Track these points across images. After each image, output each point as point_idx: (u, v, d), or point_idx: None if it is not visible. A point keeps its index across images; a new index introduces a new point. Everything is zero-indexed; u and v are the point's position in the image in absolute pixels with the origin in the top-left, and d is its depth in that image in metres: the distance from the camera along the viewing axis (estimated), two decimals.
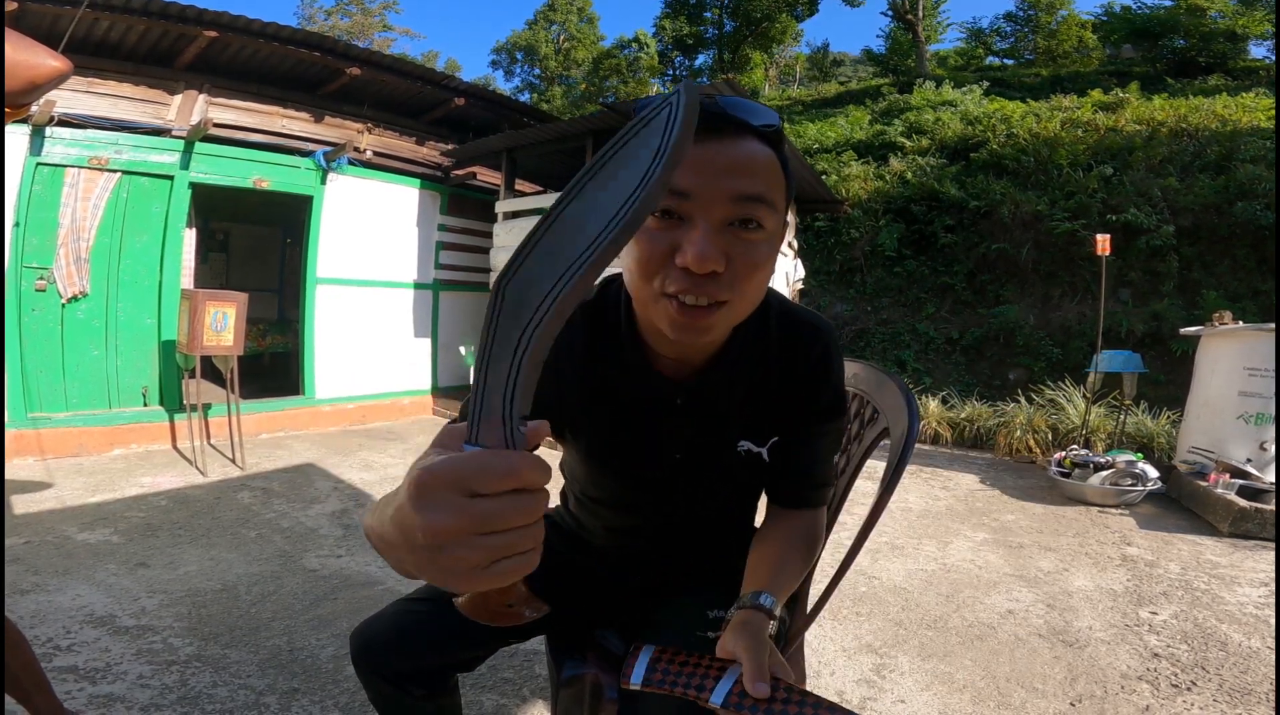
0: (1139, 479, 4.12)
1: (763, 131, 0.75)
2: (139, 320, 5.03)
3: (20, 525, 3.21)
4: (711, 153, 0.72)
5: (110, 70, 5.03)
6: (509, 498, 0.40)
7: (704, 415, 0.93)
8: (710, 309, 0.74)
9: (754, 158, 0.74)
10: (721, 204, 0.72)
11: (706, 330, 0.76)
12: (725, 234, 0.73)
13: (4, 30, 1.03)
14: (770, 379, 0.93)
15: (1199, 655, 2.30)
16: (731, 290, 0.74)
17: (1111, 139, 9.33)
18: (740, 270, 0.74)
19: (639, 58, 31.56)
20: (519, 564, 0.41)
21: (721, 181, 0.72)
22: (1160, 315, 7.05)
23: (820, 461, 0.99)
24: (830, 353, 0.95)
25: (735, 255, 0.73)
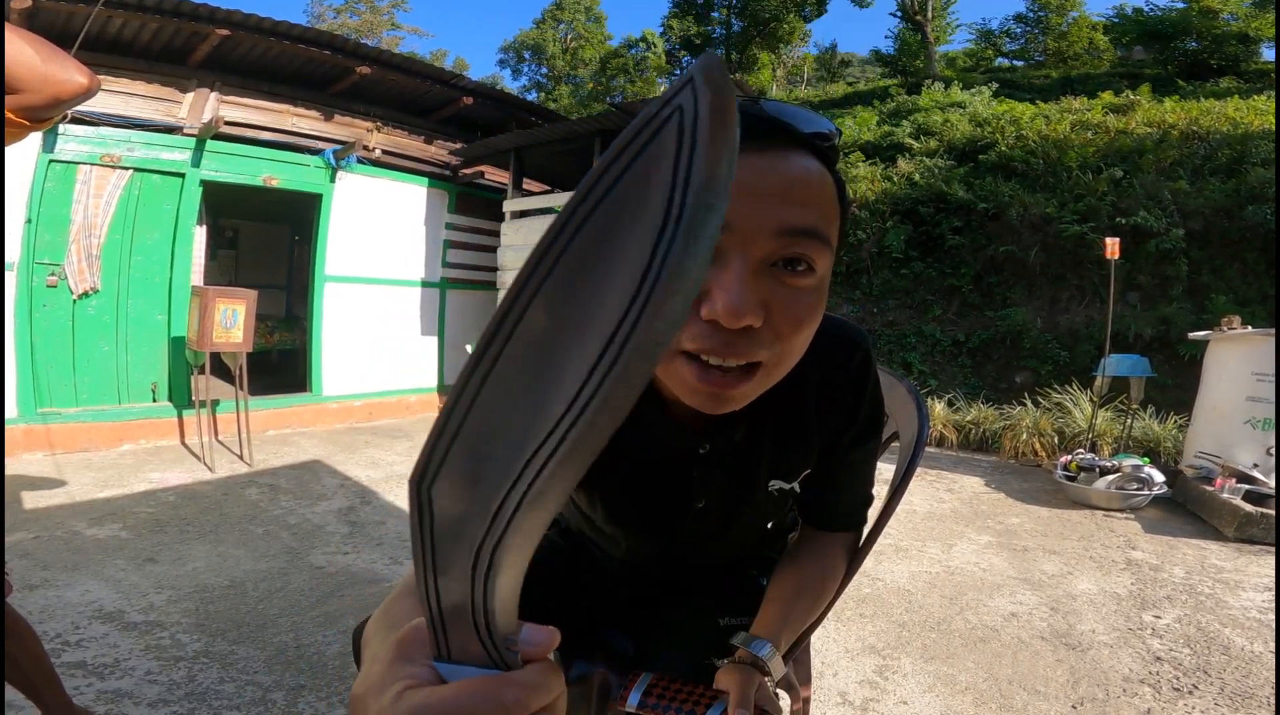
0: (1145, 483, 4.11)
1: (816, 144, 0.60)
2: (149, 316, 5.07)
3: (29, 520, 3.24)
4: (752, 171, 0.56)
5: (123, 68, 5.07)
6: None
7: (732, 461, 0.82)
8: (740, 375, 0.59)
9: (807, 179, 0.58)
10: (764, 239, 0.56)
11: (734, 400, 0.61)
12: (765, 278, 0.57)
13: (4, 30, 1.04)
14: (807, 406, 0.81)
15: (1201, 659, 2.30)
16: (770, 349, 0.59)
17: (1122, 141, 9.28)
18: (782, 325, 0.58)
19: (646, 57, 31.56)
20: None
21: (765, 210, 0.56)
22: (1169, 319, 7.01)
23: (859, 484, 0.91)
24: (869, 362, 0.83)
25: (776, 305, 0.57)
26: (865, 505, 0.93)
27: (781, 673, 0.80)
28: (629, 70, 31.90)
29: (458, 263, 7.02)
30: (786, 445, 0.83)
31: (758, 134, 0.57)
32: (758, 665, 0.78)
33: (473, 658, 0.30)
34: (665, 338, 0.23)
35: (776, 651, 0.79)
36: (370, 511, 3.67)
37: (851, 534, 0.94)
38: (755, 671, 0.77)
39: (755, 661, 0.78)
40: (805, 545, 0.93)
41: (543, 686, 0.30)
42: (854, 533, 0.94)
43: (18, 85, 1.09)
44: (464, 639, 0.30)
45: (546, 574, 1.17)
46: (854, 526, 0.93)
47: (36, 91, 1.10)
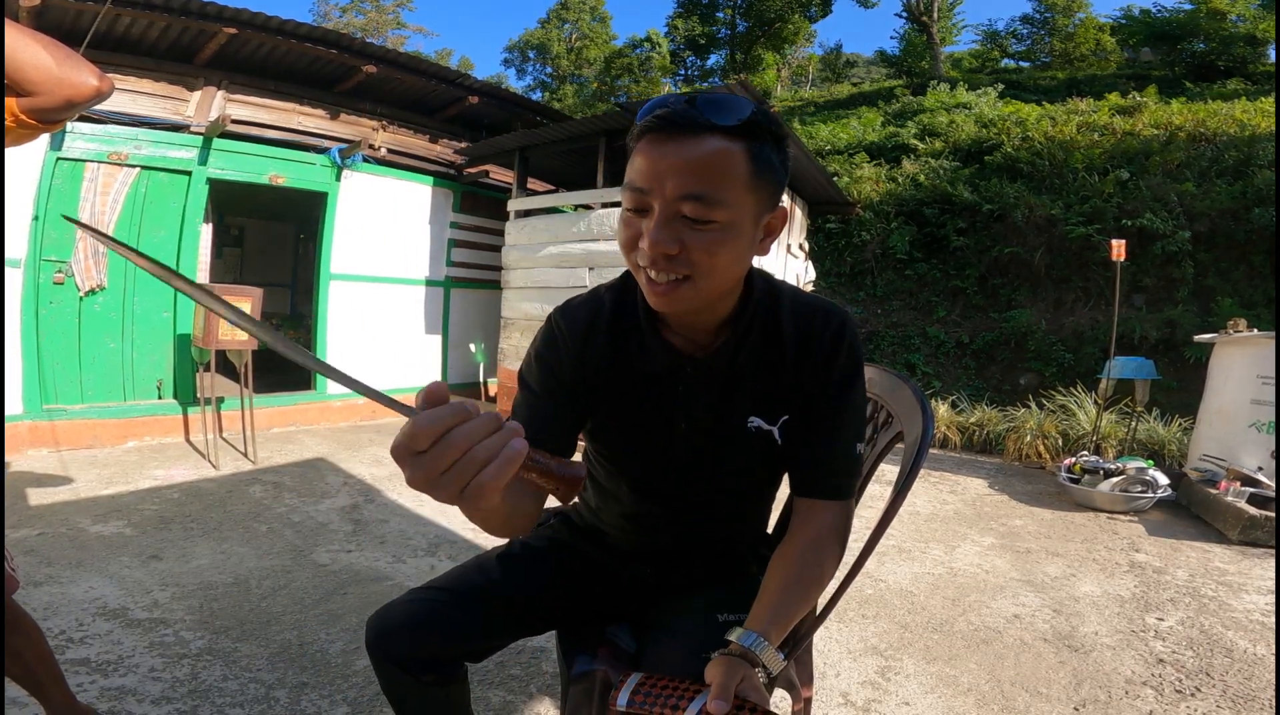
0: (1149, 486, 4.10)
1: (729, 128, 0.79)
2: (155, 314, 5.08)
3: (34, 516, 3.26)
4: (665, 152, 0.80)
5: (131, 66, 5.09)
6: (438, 446, 0.49)
7: (712, 386, 1.00)
8: (675, 284, 0.84)
9: (705, 157, 0.79)
10: (670, 201, 0.80)
11: (676, 301, 0.86)
12: (679, 223, 0.81)
13: (4, 29, 1.05)
14: (784, 357, 0.98)
15: (1204, 661, 2.29)
16: (691, 267, 0.82)
17: (1128, 143, 9.26)
18: (695, 252, 0.82)
19: (651, 57, 31.58)
20: (486, 481, 0.49)
21: (666, 180, 0.79)
22: (1174, 322, 6.99)
23: (840, 442, 0.99)
24: (844, 331, 0.99)
25: (689, 241, 0.81)
26: (850, 472, 1.00)
27: (777, 665, 0.84)
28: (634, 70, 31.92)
29: (462, 262, 7.03)
30: (764, 384, 0.99)
31: (678, 126, 0.79)
32: (747, 657, 0.82)
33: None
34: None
35: (766, 642, 0.84)
36: (374, 509, 3.68)
37: (838, 506, 0.99)
38: (743, 663, 0.82)
39: (744, 654, 0.83)
40: (795, 531, 0.99)
41: (429, 419, 0.49)
42: (840, 505, 0.99)
43: (31, 88, 1.10)
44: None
45: (553, 571, 1.19)
46: (839, 495, 0.99)
47: (50, 94, 1.11)
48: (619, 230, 0.88)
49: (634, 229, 0.85)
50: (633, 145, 0.85)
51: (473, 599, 1.09)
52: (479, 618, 1.09)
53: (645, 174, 0.81)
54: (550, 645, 2.22)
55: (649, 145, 0.82)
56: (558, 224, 6.06)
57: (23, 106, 1.11)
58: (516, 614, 1.12)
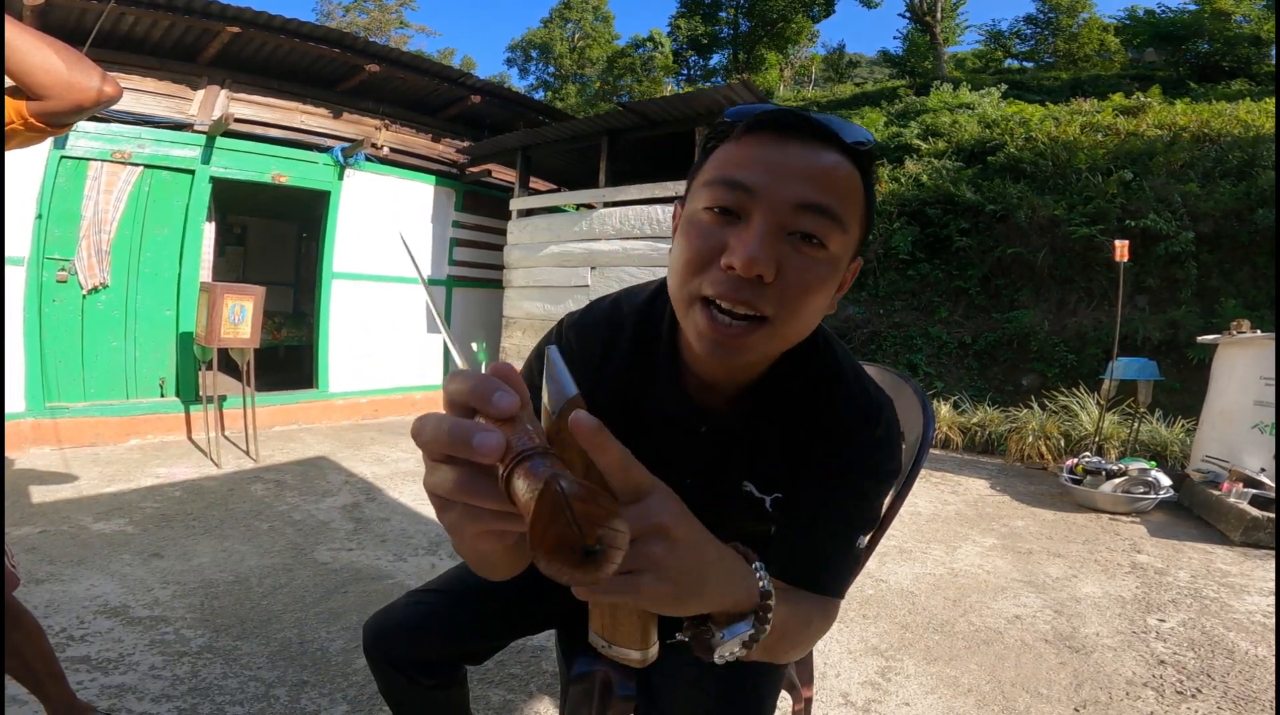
0: (1151, 487, 4.09)
1: (851, 148, 0.68)
2: (158, 312, 5.10)
3: (36, 514, 3.27)
4: (788, 152, 0.66)
5: (134, 65, 5.10)
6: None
7: (719, 446, 0.85)
8: (747, 325, 0.66)
9: (834, 170, 0.66)
10: (785, 208, 0.64)
11: (737, 350, 0.67)
12: (782, 241, 0.65)
13: (3, 31, 1.05)
14: (805, 438, 0.82)
15: (1205, 663, 2.29)
16: (777, 306, 0.65)
17: (1132, 143, 9.23)
18: (791, 285, 0.65)
19: (653, 57, 31.58)
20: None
21: (790, 184, 0.65)
22: (1177, 322, 6.97)
23: (835, 535, 0.81)
24: (883, 441, 0.83)
25: (788, 267, 0.65)
26: (842, 567, 0.83)
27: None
28: (636, 70, 31.92)
29: (464, 261, 7.04)
30: (768, 455, 0.84)
31: (801, 129, 0.67)
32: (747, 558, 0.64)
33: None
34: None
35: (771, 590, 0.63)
36: (375, 508, 3.68)
37: (820, 598, 0.79)
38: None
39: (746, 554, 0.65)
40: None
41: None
42: (822, 598, 0.79)
43: (41, 92, 1.10)
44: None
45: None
46: (824, 590, 0.80)
47: (59, 98, 1.11)
48: (686, 243, 0.69)
49: (714, 241, 0.66)
50: (726, 139, 0.71)
51: (471, 600, 1.08)
52: (477, 619, 1.08)
53: (757, 168, 0.65)
54: (550, 644, 2.23)
55: (762, 141, 0.67)
56: (560, 223, 6.07)
57: (32, 110, 1.11)
58: (515, 615, 1.12)
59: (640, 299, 0.90)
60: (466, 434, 0.39)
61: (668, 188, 5.39)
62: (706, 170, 0.70)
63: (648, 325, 0.87)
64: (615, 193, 5.69)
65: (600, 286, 5.62)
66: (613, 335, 0.88)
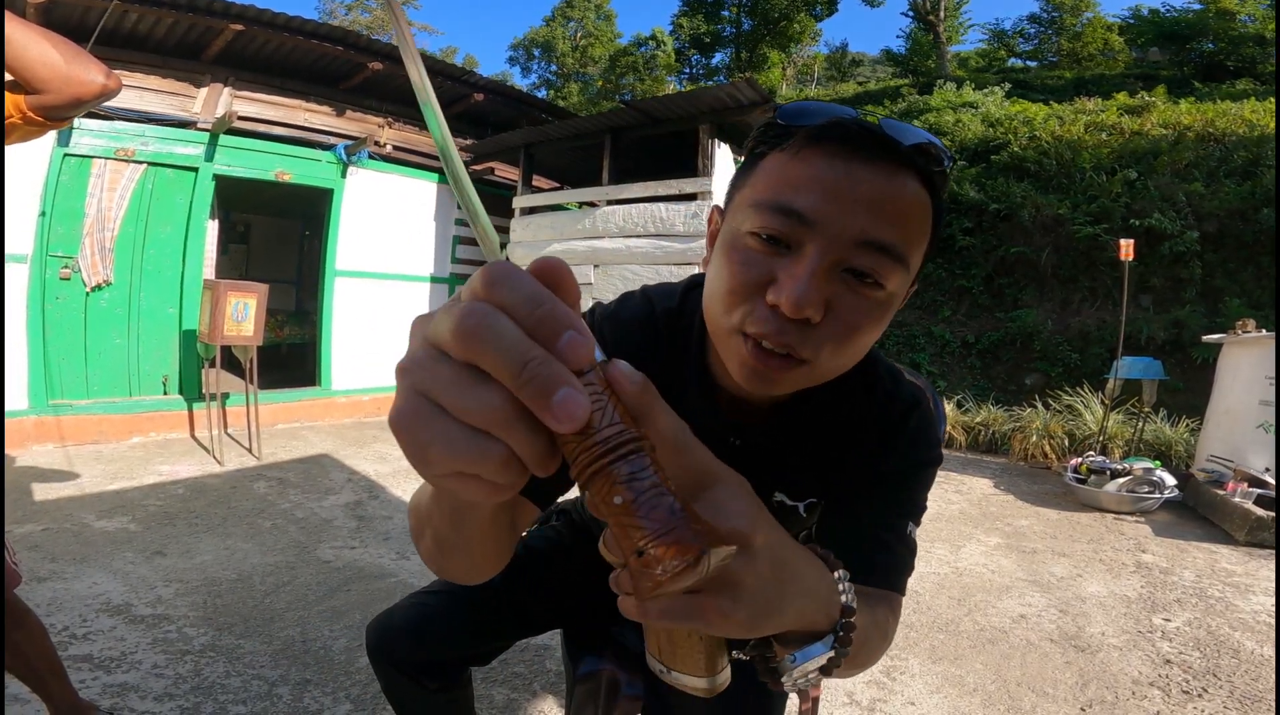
0: (1156, 486, 4.08)
1: (925, 169, 0.60)
2: (161, 310, 5.10)
3: (39, 512, 3.26)
4: (857, 175, 0.57)
5: (138, 63, 5.10)
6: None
7: (752, 462, 0.78)
8: (785, 361, 0.60)
9: (903, 197, 0.58)
10: (843, 243, 0.57)
11: (776, 384, 0.62)
12: (834, 279, 0.58)
13: (4, 28, 1.04)
14: (839, 444, 0.80)
15: (1211, 662, 2.28)
16: (819, 349, 0.59)
17: (1136, 143, 9.21)
18: (839, 327, 0.59)
19: (656, 55, 31.54)
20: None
21: (853, 216, 0.56)
22: (1182, 322, 6.96)
23: (887, 526, 0.77)
24: (909, 422, 0.80)
25: (839, 307, 0.58)
26: (900, 559, 0.78)
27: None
28: (638, 68, 31.88)
29: (467, 258, 7.03)
30: (801, 464, 0.81)
31: (866, 145, 0.57)
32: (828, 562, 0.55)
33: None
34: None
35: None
36: (378, 506, 3.67)
37: (888, 595, 0.74)
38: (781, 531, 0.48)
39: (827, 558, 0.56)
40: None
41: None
42: (887, 594, 0.74)
43: (40, 85, 1.10)
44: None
45: (556, 571, 1.18)
46: (885, 581, 0.75)
47: (58, 92, 1.10)
48: (729, 269, 0.61)
49: (759, 270, 0.59)
50: (779, 147, 0.61)
51: (474, 601, 1.07)
52: (481, 620, 1.07)
53: (816, 194, 0.57)
54: (553, 643, 2.22)
55: (824, 157, 0.58)
56: (562, 221, 6.06)
57: (31, 104, 1.11)
58: (519, 615, 1.10)
59: (671, 303, 0.84)
60: (548, 378, 0.28)
61: (671, 186, 5.38)
62: (756, 184, 0.62)
63: (680, 330, 0.82)
64: (618, 191, 5.68)
65: (604, 284, 5.61)
66: (652, 339, 0.82)
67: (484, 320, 0.29)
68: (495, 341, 0.29)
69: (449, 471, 0.31)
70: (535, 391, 0.28)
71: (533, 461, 0.31)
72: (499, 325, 0.29)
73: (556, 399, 0.28)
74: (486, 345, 0.29)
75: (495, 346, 0.29)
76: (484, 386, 0.29)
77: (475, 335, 0.29)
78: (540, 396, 0.28)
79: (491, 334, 0.29)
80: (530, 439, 0.30)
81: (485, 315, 0.29)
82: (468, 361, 0.30)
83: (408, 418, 0.31)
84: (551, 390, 0.28)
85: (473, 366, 0.30)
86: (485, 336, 0.29)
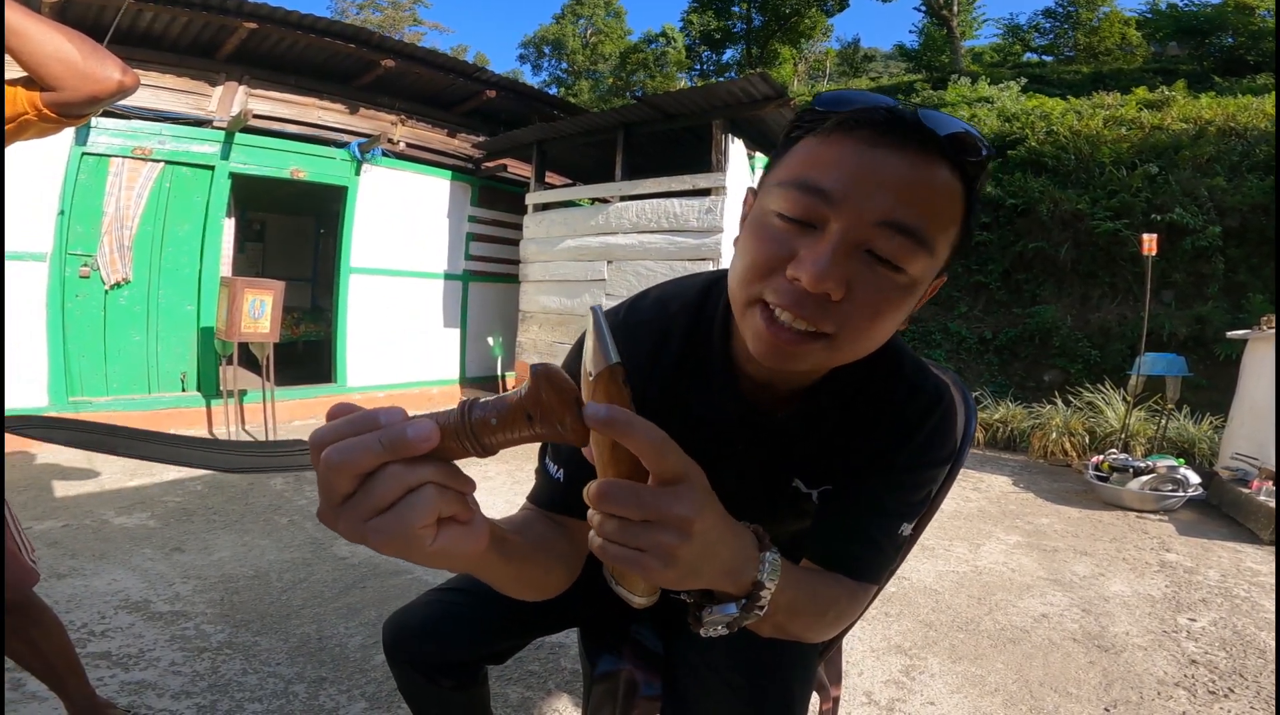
0: (1180, 485, 4.02)
1: (957, 158, 0.60)
2: (179, 307, 5.14)
3: (59, 508, 3.29)
4: (881, 159, 0.58)
5: (153, 62, 5.13)
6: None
7: (774, 450, 0.83)
8: (805, 337, 0.61)
9: (930, 182, 0.59)
10: (865, 223, 0.58)
11: (793, 358, 0.63)
12: (856, 258, 0.59)
13: (4, 25, 1.04)
14: (860, 431, 0.80)
15: (1237, 662, 2.24)
16: (840, 325, 0.61)
17: (1157, 137, 9.07)
18: (859, 307, 0.60)
19: (666, 52, 31.50)
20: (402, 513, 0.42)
21: (876, 196, 0.57)
22: (1204, 318, 6.85)
23: (877, 518, 0.79)
24: (929, 417, 0.80)
25: (859, 287, 0.59)
26: (880, 552, 0.80)
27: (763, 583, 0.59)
28: (649, 65, 31.83)
29: (480, 255, 7.05)
30: (821, 451, 0.83)
31: (895, 131, 0.58)
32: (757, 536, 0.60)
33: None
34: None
35: (777, 572, 0.59)
36: None
37: (853, 582, 0.78)
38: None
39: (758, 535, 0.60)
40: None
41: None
42: (855, 582, 0.78)
43: (55, 82, 1.08)
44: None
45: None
46: (855, 572, 0.78)
47: (74, 89, 1.09)
48: (753, 244, 0.63)
49: (783, 247, 0.61)
50: (813, 132, 0.63)
51: (491, 598, 1.04)
52: (499, 618, 1.05)
53: (841, 174, 0.58)
54: (568, 641, 2.21)
55: (855, 143, 0.59)
56: (575, 217, 6.05)
57: (46, 100, 1.10)
58: (538, 613, 1.08)
59: (690, 296, 0.85)
60: (398, 433, 0.40)
61: (684, 181, 5.35)
62: (786, 165, 0.63)
63: (700, 322, 0.82)
64: (631, 186, 5.66)
65: (617, 281, 5.59)
66: (661, 337, 0.83)
67: (337, 456, 0.40)
68: (354, 451, 0.40)
69: (428, 536, 0.42)
70: (399, 444, 0.40)
71: (447, 480, 0.42)
72: (350, 446, 0.40)
73: (409, 436, 0.40)
74: (350, 455, 0.40)
75: (356, 452, 0.40)
76: (383, 474, 0.40)
77: (335, 464, 0.40)
78: (404, 443, 0.40)
79: (351, 452, 0.40)
80: (432, 468, 0.41)
81: (336, 456, 0.40)
82: (353, 476, 0.40)
83: (382, 539, 0.41)
84: (403, 434, 0.40)
85: (358, 479, 0.41)
86: (348, 456, 0.40)
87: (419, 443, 0.40)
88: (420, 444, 0.40)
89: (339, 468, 0.40)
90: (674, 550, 0.48)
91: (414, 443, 0.40)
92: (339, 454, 0.40)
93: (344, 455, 0.40)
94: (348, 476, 0.40)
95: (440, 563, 0.46)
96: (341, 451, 0.40)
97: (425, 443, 0.40)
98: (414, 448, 0.40)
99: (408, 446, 0.40)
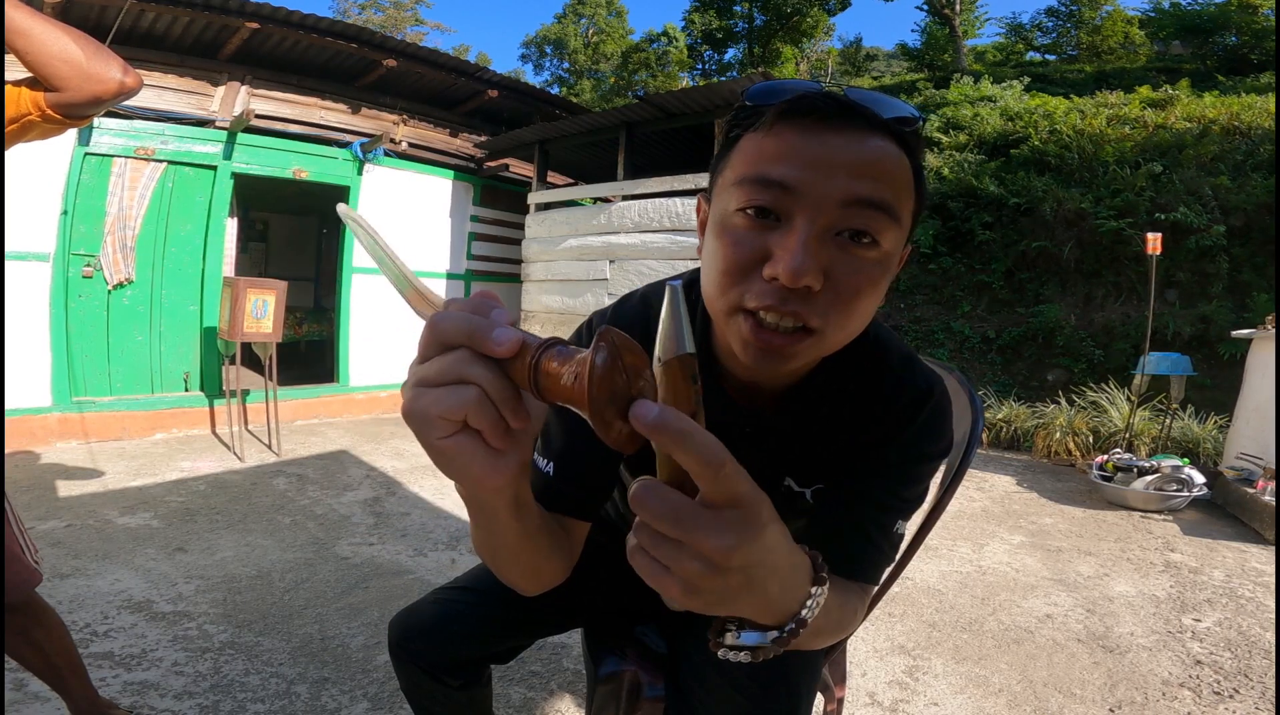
0: (1184, 484, 4.00)
1: (896, 129, 0.61)
2: (182, 307, 5.14)
3: (62, 508, 3.29)
4: (828, 145, 0.59)
5: (155, 62, 5.14)
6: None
7: (763, 447, 0.82)
8: (794, 335, 0.61)
9: (882, 158, 0.60)
10: (831, 207, 0.58)
11: (785, 358, 0.63)
12: (829, 245, 0.59)
13: (3, 23, 1.03)
14: (850, 426, 0.80)
15: (1242, 663, 2.23)
16: (825, 317, 0.61)
17: (1161, 136, 9.04)
18: (841, 292, 0.60)
19: (668, 51, 31.44)
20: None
21: (835, 180, 0.58)
22: (1208, 317, 6.83)
23: (874, 517, 0.79)
24: (920, 409, 0.79)
25: (838, 272, 0.60)
26: (879, 551, 0.79)
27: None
28: (651, 65, 31.79)
29: (483, 255, 7.05)
30: (810, 448, 0.82)
31: (835, 114, 0.60)
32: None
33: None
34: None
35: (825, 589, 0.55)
36: (395, 502, 3.68)
37: (854, 584, 0.76)
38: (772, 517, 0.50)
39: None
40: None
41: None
42: (855, 583, 0.77)
43: (59, 83, 1.08)
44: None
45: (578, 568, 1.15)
46: (855, 574, 0.77)
47: (77, 89, 1.09)
48: (721, 249, 0.62)
49: (752, 248, 0.60)
50: (753, 127, 0.63)
51: (497, 598, 1.05)
52: (505, 618, 1.05)
53: (795, 164, 0.59)
54: (570, 641, 2.20)
55: (797, 130, 0.60)
56: (577, 217, 6.05)
57: (49, 101, 1.10)
58: (543, 613, 1.08)
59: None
60: (483, 326, 0.40)
61: (687, 180, 5.34)
62: (735, 164, 0.63)
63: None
64: (634, 186, 5.66)
65: (619, 280, 5.59)
66: (647, 335, 0.81)
67: (442, 317, 0.41)
68: (451, 321, 0.41)
69: (443, 427, 0.41)
70: (480, 337, 0.39)
71: (498, 396, 0.40)
72: (453, 315, 0.41)
73: (494, 336, 0.39)
74: (446, 323, 0.41)
75: (452, 322, 0.41)
76: (450, 354, 0.41)
77: (438, 324, 0.41)
78: (484, 339, 0.39)
79: (448, 320, 0.41)
80: (490, 376, 0.40)
81: (441, 317, 0.42)
82: (441, 347, 0.41)
83: (409, 401, 0.41)
84: (489, 331, 0.40)
85: (442, 353, 0.41)
86: (444, 323, 0.41)
87: (491, 342, 0.39)
88: (492, 344, 0.39)
89: (430, 332, 0.42)
90: (699, 581, 0.43)
91: (488, 340, 0.39)
92: (439, 320, 0.41)
93: (440, 323, 0.41)
94: (434, 344, 0.41)
95: (446, 466, 0.43)
96: (441, 319, 0.41)
97: (497, 347, 0.39)
98: (484, 344, 0.39)
99: (481, 341, 0.39)
